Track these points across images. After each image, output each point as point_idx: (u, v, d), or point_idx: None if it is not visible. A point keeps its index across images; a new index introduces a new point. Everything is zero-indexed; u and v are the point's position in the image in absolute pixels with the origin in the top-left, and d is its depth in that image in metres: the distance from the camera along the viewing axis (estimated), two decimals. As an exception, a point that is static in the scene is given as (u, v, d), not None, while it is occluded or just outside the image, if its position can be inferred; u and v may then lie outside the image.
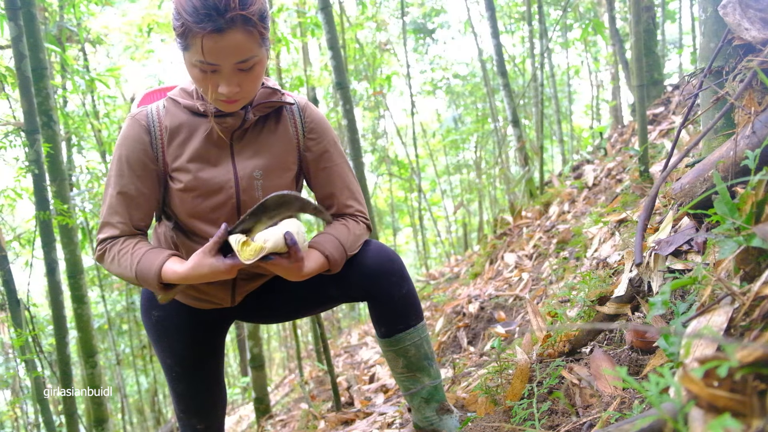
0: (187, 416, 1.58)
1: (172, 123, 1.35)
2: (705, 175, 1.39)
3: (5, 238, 3.57)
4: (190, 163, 1.33)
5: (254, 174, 1.36)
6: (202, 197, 1.34)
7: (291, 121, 1.43)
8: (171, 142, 1.34)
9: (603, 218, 2.78)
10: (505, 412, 1.47)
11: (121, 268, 1.31)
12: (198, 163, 1.34)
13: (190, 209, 1.35)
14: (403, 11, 7.88)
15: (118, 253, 1.32)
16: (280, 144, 1.41)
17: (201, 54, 1.18)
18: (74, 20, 5.16)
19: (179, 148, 1.35)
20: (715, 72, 1.53)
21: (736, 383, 0.65)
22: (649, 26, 4.85)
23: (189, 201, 1.34)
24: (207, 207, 1.35)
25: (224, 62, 1.20)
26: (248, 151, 1.37)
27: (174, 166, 1.34)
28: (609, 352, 1.47)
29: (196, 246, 1.35)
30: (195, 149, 1.34)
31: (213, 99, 1.27)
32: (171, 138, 1.34)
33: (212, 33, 1.15)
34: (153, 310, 1.52)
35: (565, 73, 9.41)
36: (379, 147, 9.79)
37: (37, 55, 3.00)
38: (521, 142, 5.00)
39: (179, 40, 1.22)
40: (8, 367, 5.77)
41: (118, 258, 1.31)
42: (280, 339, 10.92)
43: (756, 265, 1.00)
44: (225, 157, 1.36)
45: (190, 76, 1.26)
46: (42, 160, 2.98)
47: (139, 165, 1.33)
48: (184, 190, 1.33)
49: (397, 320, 1.47)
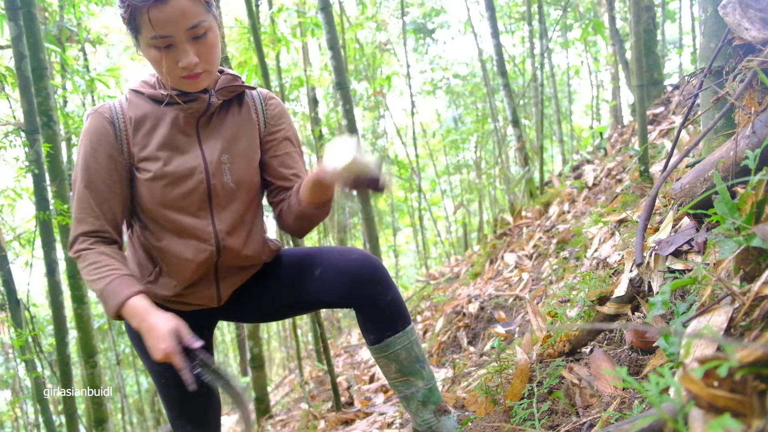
0: (181, 422, 1.56)
1: (137, 114, 1.35)
2: (705, 175, 1.39)
3: (5, 238, 3.57)
4: (159, 151, 1.34)
5: (222, 158, 1.38)
6: (172, 185, 1.34)
7: (253, 108, 1.47)
8: (136, 133, 1.35)
9: (603, 218, 2.78)
10: (505, 412, 1.47)
11: (90, 280, 1.33)
12: (166, 151, 1.35)
13: (159, 199, 1.35)
14: (403, 11, 7.87)
15: (91, 264, 1.32)
16: (245, 129, 1.44)
17: (151, 28, 1.20)
18: (74, 20, 5.16)
19: (146, 137, 1.35)
20: (715, 72, 1.53)
21: (736, 383, 0.65)
22: (649, 26, 4.85)
23: (159, 190, 1.34)
24: (178, 194, 1.35)
25: (175, 31, 1.22)
26: (214, 137, 1.39)
27: (141, 155, 1.34)
28: (609, 352, 1.47)
29: (168, 244, 1.37)
30: (162, 137, 1.35)
31: (176, 80, 1.28)
32: (136, 128, 1.35)
33: (156, 4, 1.19)
34: None
35: (565, 73, 9.41)
36: (379, 147, 9.79)
37: (37, 55, 3.00)
38: (521, 142, 5.00)
39: (129, 27, 1.24)
40: (8, 367, 5.77)
41: (90, 269, 1.32)
42: (280, 339, 10.92)
43: (756, 265, 1.00)
44: (192, 144, 1.37)
45: (149, 60, 1.27)
46: (42, 160, 2.98)
47: (104, 157, 1.33)
48: (154, 179, 1.34)
49: (384, 327, 1.46)
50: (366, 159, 1.21)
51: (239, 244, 1.43)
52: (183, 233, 1.38)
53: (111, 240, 1.37)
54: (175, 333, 1.24)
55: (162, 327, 1.24)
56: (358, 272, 1.42)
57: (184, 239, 1.39)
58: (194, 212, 1.38)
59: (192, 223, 1.38)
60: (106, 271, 1.31)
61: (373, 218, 3.96)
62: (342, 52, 5.24)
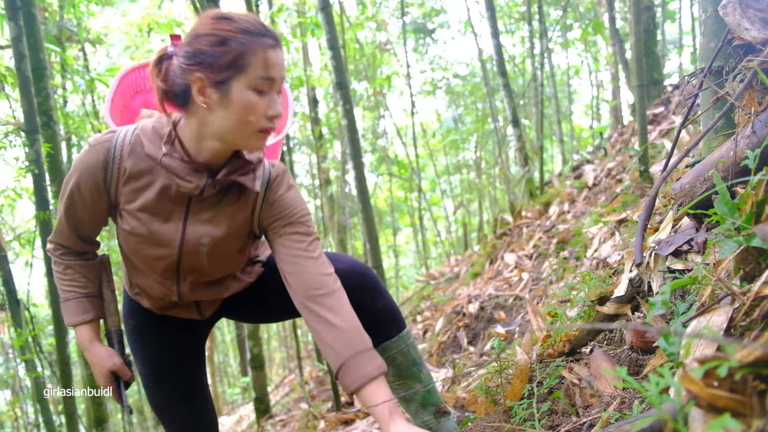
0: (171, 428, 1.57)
1: (133, 167, 1.26)
2: (705, 175, 1.39)
3: (5, 238, 3.57)
4: (140, 212, 1.28)
5: (202, 240, 1.31)
6: (146, 244, 1.32)
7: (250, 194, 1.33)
8: (126, 185, 1.28)
9: (603, 218, 2.78)
10: (505, 412, 1.47)
11: (57, 286, 1.46)
12: (148, 215, 1.29)
13: (132, 248, 1.35)
14: (403, 11, 7.88)
15: (59, 274, 1.44)
16: (238, 215, 1.33)
17: (264, 69, 1.14)
18: (74, 20, 5.16)
19: (134, 193, 1.28)
20: (715, 72, 1.53)
21: (736, 383, 0.65)
22: (649, 26, 4.85)
23: (133, 242, 1.33)
24: (149, 254, 1.33)
25: (279, 77, 1.18)
26: (204, 216, 1.31)
27: (125, 208, 1.30)
28: (609, 352, 1.47)
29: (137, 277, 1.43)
30: (148, 200, 1.27)
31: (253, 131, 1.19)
32: (127, 181, 1.27)
33: (274, 45, 1.16)
34: (130, 319, 1.54)
35: (565, 73, 9.42)
36: (379, 147, 9.79)
37: (37, 55, 3.00)
38: (521, 142, 5.00)
39: (229, 69, 1.13)
40: (8, 367, 5.77)
41: (57, 275, 1.44)
42: (280, 339, 10.92)
43: (756, 265, 1.00)
44: (177, 215, 1.30)
45: (239, 104, 1.15)
46: (42, 160, 2.98)
47: (87, 195, 1.30)
48: (129, 233, 1.31)
49: (378, 333, 1.44)
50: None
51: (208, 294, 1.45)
52: (150, 277, 1.41)
53: (82, 252, 1.44)
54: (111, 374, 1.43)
55: (101, 367, 1.42)
56: (348, 280, 1.37)
57: (148, 282, 1.42)
58: (160, 273, 1.36)
59: (157, 279, 1.39)
60: (69, 286, 1.43)
61: (373, 218, 3.96)
62: (342, 52, 5.24)
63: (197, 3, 3.01)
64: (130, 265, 1.42)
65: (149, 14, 6.41)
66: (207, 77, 1.13)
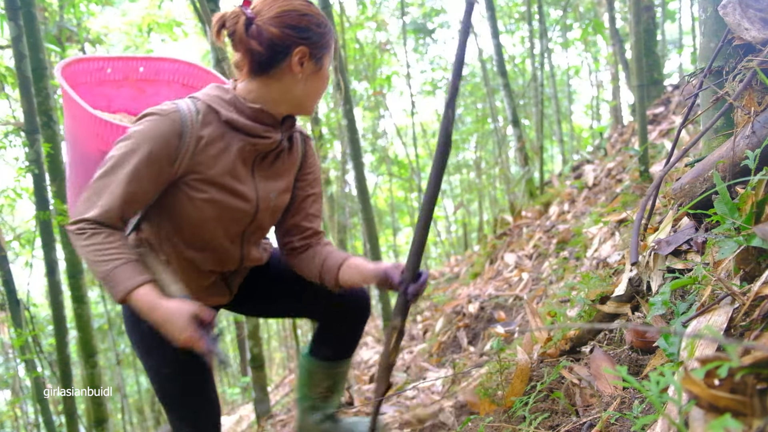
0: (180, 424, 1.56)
1: (210, 134, 1.31)
2: (705, 175, 1.39)
3: (5, 238, 3.57)
4: (222, 177, 1.34)
5: (270, 195, 1.43)
6: (223, 211, 1.36)
7: (296, 148, 1.51)
8: (203, 152, 1.31)
9: (603, 218, 2.78)
10: (505, 412, 1.47)
11: (93, 260, 1.26)
12: (228, 178, 1.35)
13: (200, 218, 1.35)
14: (403, 11, 7.88)
15: (96, 245, 1.26)
16: (290, 169, 1.49)
17: (331, 56, 1.37)
18: (74, 20, 5.16)
19: (212, 159, 1.32)
20: (715, 72, 1.53)
21: (736, 383, 0.65)
22: (649, 26, 4.85)
23: (209, 210, 1.34)
24: (226, 218, 1.38)
25: None
26: (268, 172, 1.43)
27: (202, 176, 1.32)
28: (609, 352, 1.47)
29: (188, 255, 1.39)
30: (227, 164, 1.34)
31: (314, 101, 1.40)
32: (204, 148, 1.31)
33: None
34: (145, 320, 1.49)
35: (565, 73, 9.41)
36: (379, 147, 9.79)
37: (37, 55, 3.00)
38: (521, 142, 5.00)
39: (325, 48, 1.34)
40: (8, 367, 5.77)
41: (93, 248, 1.26)
42: (280, 339, 10.92)
43: (756, 265, 1.00)
44: (249, 175, 1.39)
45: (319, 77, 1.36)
46: (42, 160, 2.98)
47: (157, 166, 1.28)
48: (208, 201, 1.33)
49: (346, 349, 1.68)
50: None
51: (257, 258, 1.54)
52: (208, 250, 1.42)
53: (120, 228, 1.33)
54: (194, 319, 1.24)
55: (180, 316, 1.23)
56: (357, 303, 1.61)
57: (206, 254, 1.42)
58: (230, 237, 1.42)
59: (223, 246, 1.42)
60: (112, 254, 1.26)
61: (373, 218, 3.96)
62: (342, 52, 5.23)
63: (197, 3, 3.01)
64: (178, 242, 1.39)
65: (149, 14, 6.40)
66: (310, 51, 1.30)
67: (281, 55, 1.29)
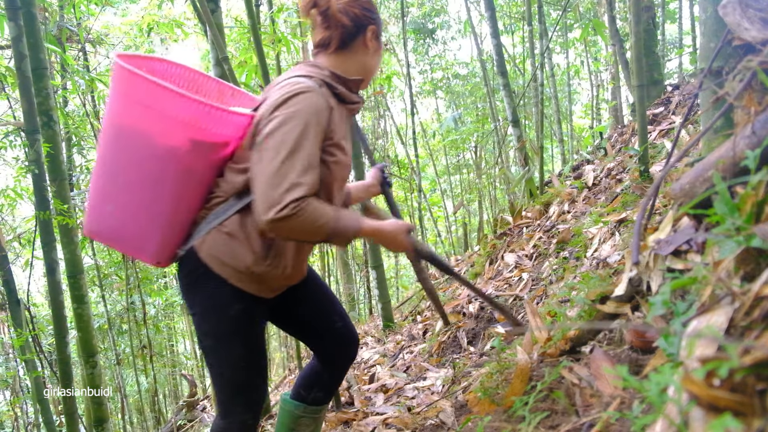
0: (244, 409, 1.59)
1: (334, 105, 1.53)
2: (705, 175, 1.39)
3: (5, 238, 3.57)
4: (342, 139, 1.54)
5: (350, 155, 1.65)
6: (344, 169, 1.57)
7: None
8: (332, 121, 1.50)
9: (603, 218, 2.78)
10: (505, 412, 1.47)
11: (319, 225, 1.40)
12: (344, 141, 1.56)
13: (334, 177, 1.54)
14: (403, 11, 7.87)
15: (314, 211, 1.39)
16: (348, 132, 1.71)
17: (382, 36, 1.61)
18: (74, 20, 5.16)
19: (337, 125, 1.52)
20: (715, 72, 1.53)
21: (736, 383, 0.65)
22: (649, 26, 4.85)
23: (337, 171, 1.53)
24: (342, 177, 1.58)
25: None
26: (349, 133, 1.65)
27: (334, 141, 1.51)
28: (609, 352, 1.47)
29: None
30: (343, 128, 1.57)
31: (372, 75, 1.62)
32: (332, 117, 1.50)
33: None
34: (235, 304, 1.52)
35: (565, 73, 9.41)
36: (379, 147, 9.79)
37: (37, 55, 3.00)
38: (521, 142, 5.00)
39: (381, 29, 1.61)
40: (8, 367, 5.77)
41: (315, 216, 1.39)
42: (280, 339, 10.92)
43: (756, 265, 1.00)
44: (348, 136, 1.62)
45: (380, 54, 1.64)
46: (42, 160, 2.98)
47: (322, 136, 1.46)
48: (337, 163, 1.52)
49: (332, 392, 1.86)
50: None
51: None
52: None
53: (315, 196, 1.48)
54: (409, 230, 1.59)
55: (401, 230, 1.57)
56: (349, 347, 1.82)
57: None
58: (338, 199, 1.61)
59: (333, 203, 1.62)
60: (328, 211, 1.43)
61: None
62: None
63: (197, 3, 3.01)
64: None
65: (149, 14, 6.41)
66: (377, 29, 1.58)
67: (360, 31, 1.55)
